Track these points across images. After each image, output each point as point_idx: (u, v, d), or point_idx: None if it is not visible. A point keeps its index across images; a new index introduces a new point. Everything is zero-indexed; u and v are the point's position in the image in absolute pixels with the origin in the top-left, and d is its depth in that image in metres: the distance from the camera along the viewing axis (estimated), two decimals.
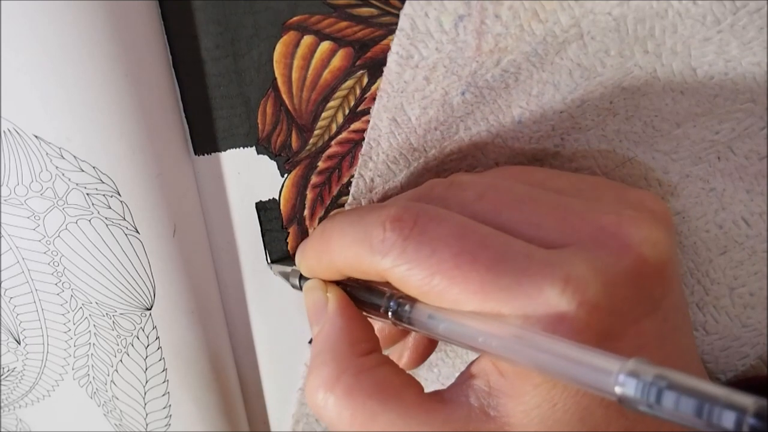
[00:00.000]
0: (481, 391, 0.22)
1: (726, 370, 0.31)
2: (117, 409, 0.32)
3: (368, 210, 0.25)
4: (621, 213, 0.23)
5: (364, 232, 0.24)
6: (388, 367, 0.24)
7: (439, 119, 0.27)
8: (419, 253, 0.22)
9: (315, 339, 0.26)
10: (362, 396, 0.23)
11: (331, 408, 0.23)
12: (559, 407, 0.21)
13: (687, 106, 0.27)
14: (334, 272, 0.26)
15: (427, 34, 0.25)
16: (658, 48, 0.26)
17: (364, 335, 0.26)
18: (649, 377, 0.18)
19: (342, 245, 0.25)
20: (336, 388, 0.23)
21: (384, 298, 0.25)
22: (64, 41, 0.23)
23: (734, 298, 0.30)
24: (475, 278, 0.22)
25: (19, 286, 0.28)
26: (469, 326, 0.22)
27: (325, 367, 0.24)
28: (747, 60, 0.26)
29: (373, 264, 0.23)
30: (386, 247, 0.23)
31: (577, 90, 0.27)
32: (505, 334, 0.21)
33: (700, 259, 0.30)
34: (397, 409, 0.23)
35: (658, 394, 0.17)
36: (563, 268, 0.21)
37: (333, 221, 0.26)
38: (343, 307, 0.26)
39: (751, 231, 0.29)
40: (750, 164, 0.28)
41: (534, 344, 0.20)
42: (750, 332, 0.30)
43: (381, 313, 0.25)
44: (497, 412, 0.22)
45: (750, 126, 0.27)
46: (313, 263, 0.27)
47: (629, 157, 0.28)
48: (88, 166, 0.25)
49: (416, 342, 0.30)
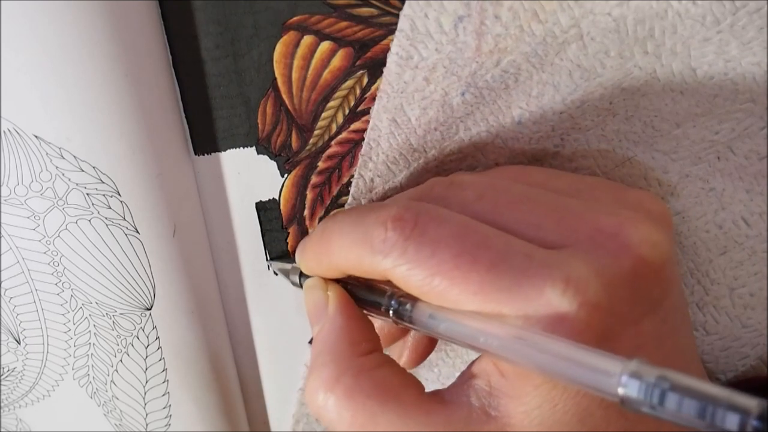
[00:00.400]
0: (481, 391, 0.22)
1: (726, 370, 0.31)
2: (117, 409, 0.32)
3: (369, 210, 0.24)
4: (620, 214, 0.23)
5: (365, 232, 0.24)
6: (388, 367, 0.24)
7: (439, 120, 0.27)
8: (420, 253, 0.22)
9: (315, 339, 0.26)
10: (362, 396, 0.23)
11: (332, 409, 0.23)
12: (560, 408, 0.21)
13: (687, 107, 0.27)
14: (334, 271, 0.26)
15: (427, 35, 0.25)
16: (657, 48, 0.26)
17: (365, 335, 0.26)
18: (651, 378, 0.18)
19: (343, 245, 0.25)
20: (336, 389, 0.23)
21: (385, 296, 0.25)
22: (64, 41, 0.23)
23: (734, 299, 0.30)
24: (475, 279, 0.22)
25: (19, 286, 0.28)
26: (470, 326, 0.22)
27: (325, 367, 0.24)
28: (747, 60, 0.26)
29: (374, 264, 0.23)
30: (387, 247, 0.23)
31: (576, 91, 0.27)
32: (506, 334, 0.21)
33: (700, 260, 0.30)
34: (396, 410, 0.23)
35: (661, 395, 0.17)
36: (563, 269, 0.21)
37: (333, 221, 0.26)
38: (343, 307, 0.26)
39: (751, 231, 0.29)
40: (750, 164, 0.28)
41: (535, 345, 0.20)
42: (750, 333, 0.30)
43: (382, 312, 0.25)
44: (498, 412, 0.22)
45: (750, 126, 0.27)
46: (314, 263, 0.27)
47: (629, 156, 0.28)
48: (88, 166, 0.25)
49: (416, 341, 0.30)
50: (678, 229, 0.29)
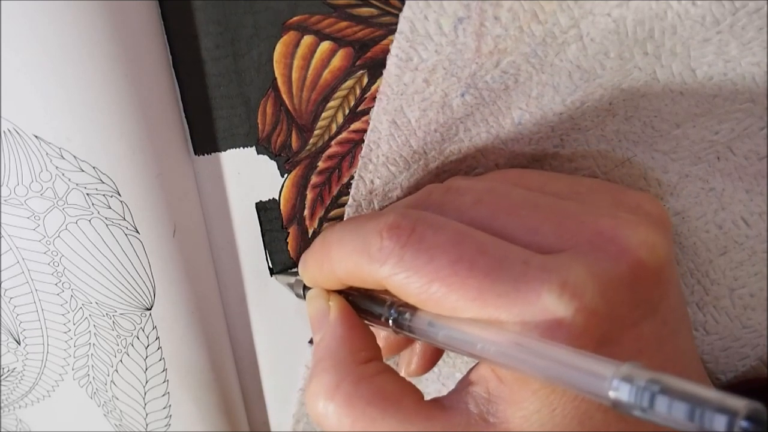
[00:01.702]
0: (480, 397, 0.23)
1: (726, 370, 0.31)
2: (117, 409, 0.32)
3: (366, 219, 0.25)
4: (618, 216, 0.23)
5: (363, 241, 0.24)
6: (387, 375, 0.24)
7: (439, 121, 0.27)
8: (417, 260, 0.22)
9: (316, 347, 0.26)
10: (362, 403, 0.23)
11: (332, 416, 0.23)
12: (558, 412, 0.21)
13: (686, 107, 0.27)
14: (335, 281, 0.26)
15: (427, 37, 0.25)
16: (657, 49, 0.26)
17: (365, 344, 0.26)
18: (642, 382, 0.18)
19: (341, 254, 0.25)
20: (336, 396, 0.24)
21: (385, 306, 0.25)
22: (64, 41, 0.23)
23: (734, 299, 0.30)
24: (473, 285, 0.22)
25: (19, 287, 0.28)
26: (467, 333, 0.22)
27: (325, 374, 0.24)
28: (746, 60, 0.26)
29: (372, 272, 0.23)
30: (384, 255, 0.23)
31: (576, 92, 0.27)
32: (503, 340, 0.21)
33: (699, 260, 0.30)
34: (396, 416, 0.23)
35: (651, 398, 0.17)
36: (560, 273, 0.21)
37: (332, 231, 0.26)
38: (344, 316, 0.26)
39: (750, 231, 0.29)
40: (749, 164, 0.28)
41: (531, 351, 0.20)
42: (750, 333, 0.30)
43: (382, 322, 0.25)
44: (496, 418, 0.22)
45: (749, 126, 0.27)
46: (315, 273, 0.27)
47: (628, 157, 0.28)
48: (88, 166, 0.25)
49: (424, 348, 0.30)
50: (678, 229, 0.29)
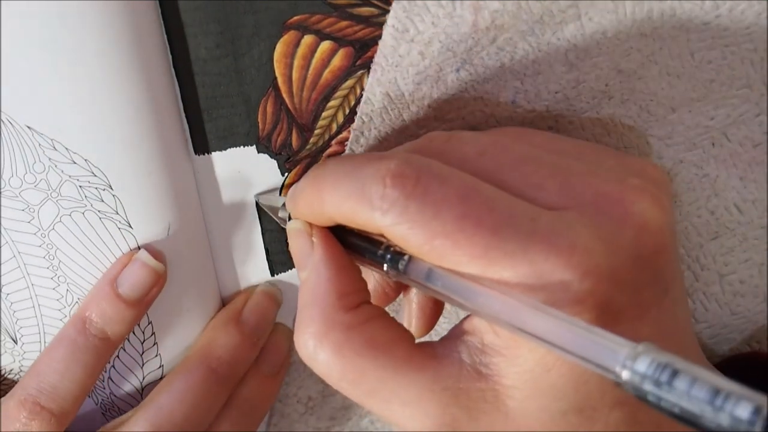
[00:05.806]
0: (473, 348, 0.22)
1: (712, 356, 0.31)
2: (114, 406, 0.32)
3: (365, 161, 0.23)
4: (623, 180, 0.23)
5: (362, 186, 0.22)
6: (378, 321, 0.24)
7: (433, 96, 0.27)
8: (422, 213, 0.21)
9: (302, 287, 0.25)
10: (351, 354, 0.23)
11: (321, 364, 0.23)
12: (554, 372, 0.21)
13: (683, 91, 0.27)
14: (326, 221, 0.25)
15: (424, 8, 0.25)
16: (655, 31, 0.26)
17: (353, 286, 0.24)
18: (663, 359, 0.18)
19: (336, 198, 0.23)
20: (325, 345, 0.23)
21: (380, 248, 0.24)
22: (65, 41, 0.23)
23: (724, 285, 0.30)
24: (479, 242, 0.21)
25: (16, 282, 0.28)
26: (469, 287, 0.21)
27: (312, 322, 0.23)
28: (744, 46, 0.26)
29: (371, 219, 0.22)
30: (386, 204, 0.22)
31: (572, 71, 0.26)
32: (508, 300, 0.20)
33: (690, 245, 0.30)
34: (386, 366, 0.22)
35: (672, 375, 0.17)
36: (569, 236, 0.21)
37: (325, 169, 0.24)
38: (329, 256, 0.25)
39: (742, 218, 0.29)
40: (744, 151, 0.28)
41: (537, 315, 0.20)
42: (738, 320, 0.31)
43: (375, 264, 0.24)
44: (489, 370, 0.22)
45: (745, 112, 0.27)
46: (305, 211, 0.26)
47: (623, 142, 0.28)
48: (80, 158, 0.25)
49: (421, 308, 0.28)
50: None
